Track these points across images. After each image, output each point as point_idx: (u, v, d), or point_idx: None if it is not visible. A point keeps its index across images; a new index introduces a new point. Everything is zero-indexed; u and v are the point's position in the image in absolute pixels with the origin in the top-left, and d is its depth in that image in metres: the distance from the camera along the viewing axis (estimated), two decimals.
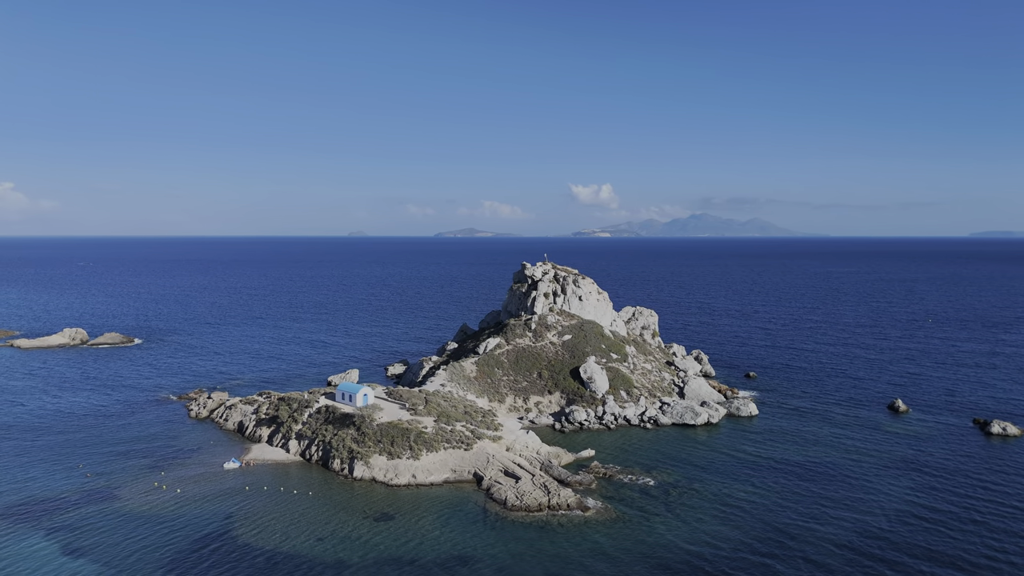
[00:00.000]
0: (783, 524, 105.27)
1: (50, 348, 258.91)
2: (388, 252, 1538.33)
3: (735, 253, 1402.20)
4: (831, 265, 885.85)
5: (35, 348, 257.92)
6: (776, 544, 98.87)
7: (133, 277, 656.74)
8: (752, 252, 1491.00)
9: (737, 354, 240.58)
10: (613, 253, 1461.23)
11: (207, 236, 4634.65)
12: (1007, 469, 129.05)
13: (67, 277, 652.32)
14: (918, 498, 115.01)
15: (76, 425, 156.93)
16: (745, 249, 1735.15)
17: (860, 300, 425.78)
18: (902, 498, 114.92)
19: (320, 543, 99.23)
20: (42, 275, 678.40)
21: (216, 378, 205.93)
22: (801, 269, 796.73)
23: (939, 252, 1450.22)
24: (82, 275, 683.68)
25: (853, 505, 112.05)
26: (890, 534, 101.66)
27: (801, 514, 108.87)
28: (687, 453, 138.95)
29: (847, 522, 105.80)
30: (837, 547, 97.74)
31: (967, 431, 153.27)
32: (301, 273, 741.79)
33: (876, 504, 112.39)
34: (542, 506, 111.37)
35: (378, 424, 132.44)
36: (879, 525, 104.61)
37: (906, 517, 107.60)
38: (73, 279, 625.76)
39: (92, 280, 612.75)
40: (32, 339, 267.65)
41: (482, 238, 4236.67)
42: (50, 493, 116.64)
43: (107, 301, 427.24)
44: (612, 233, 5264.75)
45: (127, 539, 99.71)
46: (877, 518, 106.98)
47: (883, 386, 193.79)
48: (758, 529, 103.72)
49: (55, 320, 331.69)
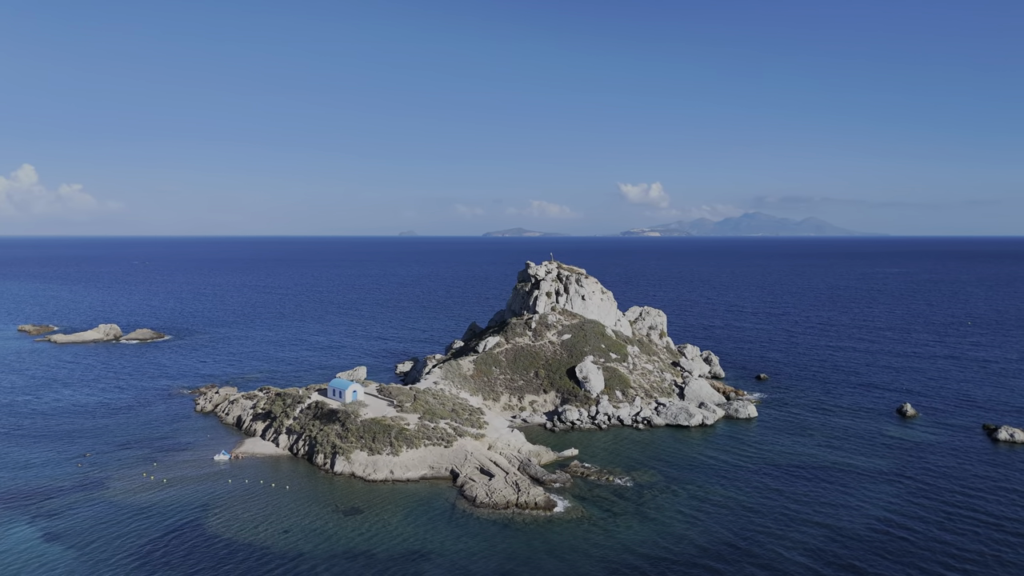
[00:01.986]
0: (750, 528, 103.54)
1: (84, 343, 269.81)
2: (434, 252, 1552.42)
3: (786, 253, 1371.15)
4: (882, 265, 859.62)
5: (70, 343, 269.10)
6: (735, 549, 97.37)
7: (179, 275, 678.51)
8: (803, 252, 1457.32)
9: (753, 356, 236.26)
10: (660, 253, 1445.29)
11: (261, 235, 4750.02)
12: (998, 477, 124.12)
13: (117, 275, 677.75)
14: (896, 505, 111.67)
15: (86, 416, 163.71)
16: (797, 249, 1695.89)
17: (898, 302, 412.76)
18: (880, 505, 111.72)
19: (285, 535, 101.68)
20: (96, 273, 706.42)
21: (230, 374, 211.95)
22: (847, 269, 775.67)
23: (1002, 251, 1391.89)
24: (132, 273, 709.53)
25: (827, 511, 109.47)
26: (856, 543, 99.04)
27: (772, 519, 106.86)
28: (673, 454, 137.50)
29: (816, 528, 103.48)
30: (800, 553, 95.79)
31: (973, 437, 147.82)
32: (341, 272, 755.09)
33: (851, 511, 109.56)
34: (509, 504, 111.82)
35: (362, 420, 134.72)
36: (849, 532, 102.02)
37: (878, 525, 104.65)
38: (122, 277, 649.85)
39: (140, 278, 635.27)
40: (68, 334, 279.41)
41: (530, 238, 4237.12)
42: (44, 480, 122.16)
43: (148, 299, 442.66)
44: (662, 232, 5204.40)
45: (102, 525, 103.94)
46: (848, 525, 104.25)
47: (896, 390, 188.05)
48: (722, 533, 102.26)
49: (96, 316, 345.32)
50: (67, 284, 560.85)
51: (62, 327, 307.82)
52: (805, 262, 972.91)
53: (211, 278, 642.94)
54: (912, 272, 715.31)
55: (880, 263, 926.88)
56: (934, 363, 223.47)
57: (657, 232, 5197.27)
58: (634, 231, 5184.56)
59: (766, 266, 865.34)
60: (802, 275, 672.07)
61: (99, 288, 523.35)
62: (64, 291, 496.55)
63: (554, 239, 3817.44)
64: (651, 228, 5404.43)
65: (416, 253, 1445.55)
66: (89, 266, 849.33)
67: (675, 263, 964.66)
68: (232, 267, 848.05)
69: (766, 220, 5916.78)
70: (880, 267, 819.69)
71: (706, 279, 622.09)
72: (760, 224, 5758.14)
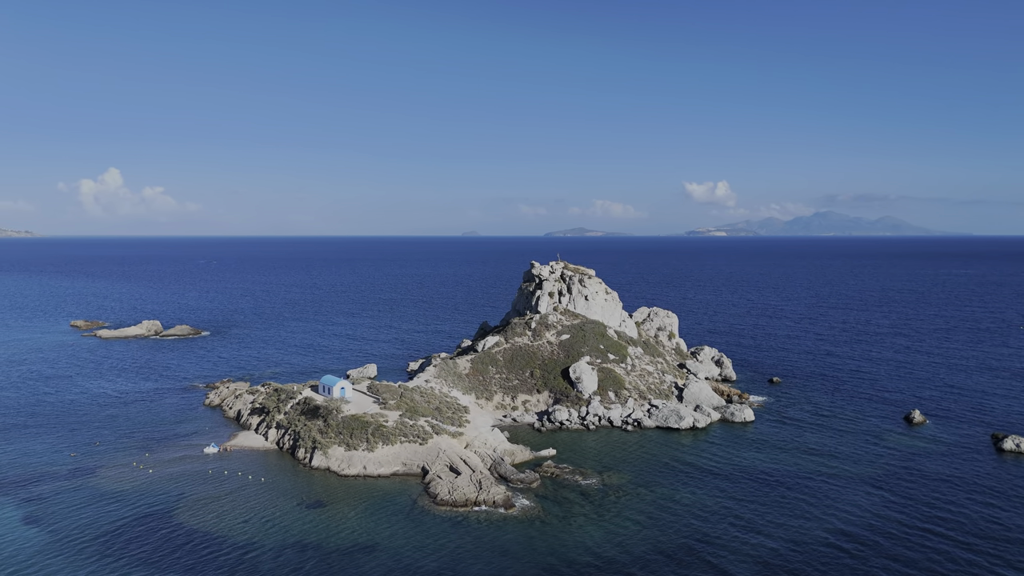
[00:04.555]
0: (702, 534, 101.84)
1: (126, 338, 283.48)
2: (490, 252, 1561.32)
3: (852, 254, 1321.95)
4: (954, 267, 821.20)
5: (113, 338, 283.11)
6: (688, 551, 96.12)
7: (236, 274, 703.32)
8: (873, 252, 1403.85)
9: (772, 359, 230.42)
10: (722, 253, 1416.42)
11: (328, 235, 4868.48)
12: (986, 488, 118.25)
13: (178, 274, 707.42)
14: (861, 518, 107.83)
15: (99, 407, 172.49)
16: (867, 249, 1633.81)
17: (950, 304, 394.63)
18: (847, 515, 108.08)
19: (243, 524, 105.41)
20: (159, 272, 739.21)
21: (249, 369, 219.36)
22: (911, 270, 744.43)
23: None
24: (195, 272, 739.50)
25: (798, 517, 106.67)
26: (817, 551, 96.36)
27: (730, 524, 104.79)
28: (653, 457, 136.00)
29: (781, 534, 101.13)
30: (754, 560, 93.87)
31: (979, 446, 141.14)
32: (391, 271, 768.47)
33: (812, 521, 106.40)
34: (469, 501, 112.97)
35: (342, 416, 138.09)
36: (813, 540, 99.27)
37: (831, 538, 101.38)
38: (183, 276, 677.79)
39: (199, 277, 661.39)
40: (113, 330, 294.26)
41: (592, 237, 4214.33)
42: (41, 467, 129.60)
43: (199, 297, 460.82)
44: (728, 232, 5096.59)
45: (78, 509, 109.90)
46: (816, 533, 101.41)
47: (910, 396, 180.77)
48: (672, 537, 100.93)
49: (146, 313, 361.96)
50: (129, 282, 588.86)
51: (111, 323, 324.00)
52: (869, 263, 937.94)
53: (264, 276, 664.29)
54: (983, 274, 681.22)
55: (953, 264, 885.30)
56: (962, 369, 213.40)
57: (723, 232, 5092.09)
58: (699, 230, 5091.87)
59: (825, 266, 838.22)
60: (859, 276, 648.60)
61: (157, 286, 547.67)
62: (123, 288, 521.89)
63: (617, 239, 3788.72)
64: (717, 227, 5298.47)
65: (471, 253, 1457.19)
66: (156, 265, 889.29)
67: (730, 263, 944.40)
68: (290, 266, 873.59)
69: (838, 219, 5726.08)
70: (951, 268, 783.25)
71: (753, 280, 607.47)
72: (832, 223, 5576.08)
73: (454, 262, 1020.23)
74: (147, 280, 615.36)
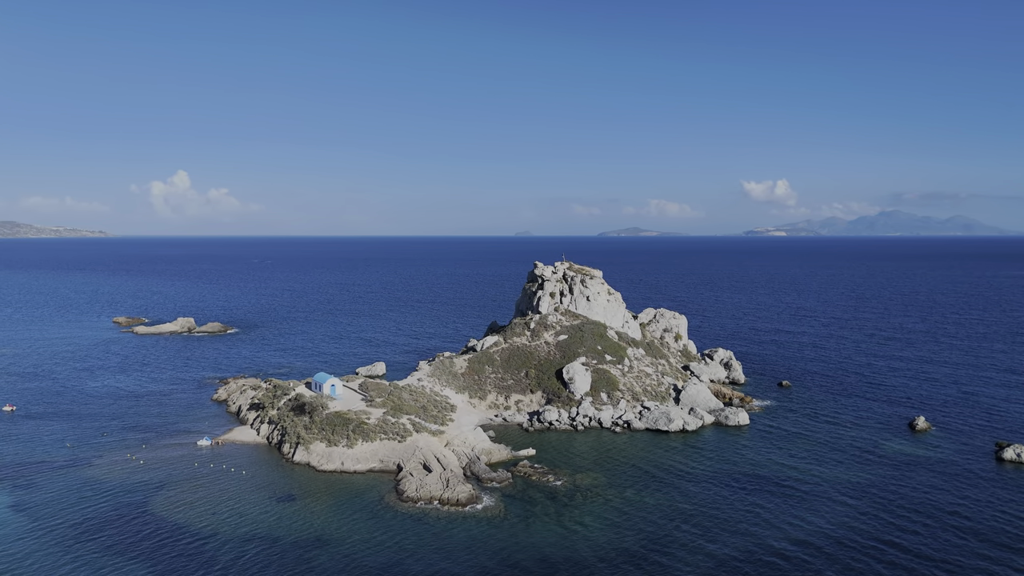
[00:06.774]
0: (668, 537, 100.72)
1: (160, 334, 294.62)
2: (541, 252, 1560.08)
3: (919, 255, 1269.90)
4: (1016, 268, 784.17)
5: (149, 334, 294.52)
6: (630, 556, 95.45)
7: (282, 273, 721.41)
8: (940, 253, 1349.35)
9: (787, 362, 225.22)
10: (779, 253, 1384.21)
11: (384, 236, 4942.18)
12: (973, 499, 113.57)
13: (226, 273, 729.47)
14: (829, 528, 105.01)
15: (111, 400, 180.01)
16: (933, 250, 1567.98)
17: (997, 308, 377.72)
18: (819, 523, 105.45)
19: (212, 516, 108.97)
20: (207, 271, 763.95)
21: (262, 366, 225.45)
22: (971, 272, 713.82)
23: None
24: (244, 271, 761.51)
25: (755, 527, 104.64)
26: (762, 561, 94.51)
27: (698, 529, 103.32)
28: (634, 459, 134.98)
29: (735, 541, 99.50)
30: (695, 568, 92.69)
31: (979, 454, 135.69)
32: (432, 271, 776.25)
33: (779, 528, 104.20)
34: (433, 499, 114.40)
35: (327, 413, 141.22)
36: (763, 549, 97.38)
37: (803, 544, 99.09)
38: (231, 275, 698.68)
39: (245, 276, 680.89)
40: (150, 326, 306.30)
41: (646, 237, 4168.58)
42: (42, 457, 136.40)
43: (239, 295, 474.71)
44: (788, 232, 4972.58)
45: (64, 497, 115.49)
46: (769, 543, 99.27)
47: (917, 402, 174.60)
48: (630, 540, 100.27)
49: (185, 310, 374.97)
50: (179, 279, 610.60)
51: (150, 319, 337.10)
52: (928, 264, 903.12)
53: (307, 275, 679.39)
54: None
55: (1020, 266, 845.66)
56: (985, 375, 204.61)
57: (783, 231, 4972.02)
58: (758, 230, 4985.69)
59: (878, 268, 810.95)
60: (910, 278, 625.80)
61: (203, 284, 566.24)
62: (171, 286, 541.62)
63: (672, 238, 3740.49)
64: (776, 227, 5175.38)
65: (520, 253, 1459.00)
66: (210, 264, 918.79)
67: (777, 265, 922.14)
68: (336, 266, 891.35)
69: (906, 218, 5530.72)
70: (1017, 270, 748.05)
71: (797, 282, 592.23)
72: (899, 223, 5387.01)
73: (499, 261, 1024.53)
74: (195, 278, 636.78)
